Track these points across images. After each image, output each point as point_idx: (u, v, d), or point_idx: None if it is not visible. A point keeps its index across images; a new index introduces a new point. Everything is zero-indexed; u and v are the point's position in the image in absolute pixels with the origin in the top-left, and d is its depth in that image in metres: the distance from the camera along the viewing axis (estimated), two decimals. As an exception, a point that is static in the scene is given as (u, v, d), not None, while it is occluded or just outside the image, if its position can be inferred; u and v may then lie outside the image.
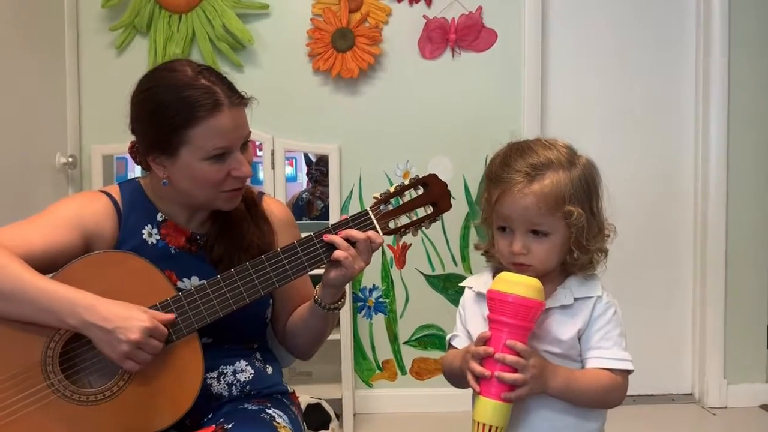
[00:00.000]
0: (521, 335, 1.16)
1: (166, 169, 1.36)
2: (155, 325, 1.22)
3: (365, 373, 3.16)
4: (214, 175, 1.33)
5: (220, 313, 1.29)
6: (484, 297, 1.26)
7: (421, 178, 1.41)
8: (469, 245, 3.12)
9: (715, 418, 3.05)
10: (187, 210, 1.43)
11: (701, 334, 3.18)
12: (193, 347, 1.29)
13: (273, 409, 1.37)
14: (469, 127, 3.06)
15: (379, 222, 1.37)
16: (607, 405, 1.26)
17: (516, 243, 1.22)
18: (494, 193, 1.23)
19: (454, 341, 1.34)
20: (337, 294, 1.40)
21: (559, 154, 1.24)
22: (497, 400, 1.14)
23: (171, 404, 1.27)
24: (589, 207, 1.24)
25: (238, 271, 1.31)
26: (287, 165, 3.17)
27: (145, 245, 1.40)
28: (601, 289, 1.26)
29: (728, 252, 3.13)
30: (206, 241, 1.43)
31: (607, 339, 1.23)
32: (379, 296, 3.14)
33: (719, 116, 3.11)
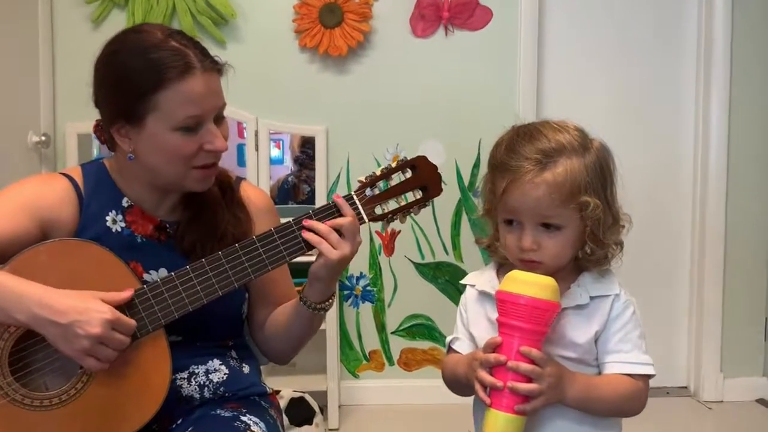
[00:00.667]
0: (535, 340, 1.06)
1: (131, 142, 1.24)
2: (117, 316, 1.11)
3: (351, 363, 3.09)
4: (184, 148, 1.22)
5: (189, 308, 1.18)
6: (489, 297, 1.18)
7: (410, 160, 1.30)
8: (461, 233, 3.04)
9: (710, 413, 3.00)
10: (155, 193, 1.31)
11: (697, 326, 3.12)
12: (160, 345, 1.18)
13: (249, 415, 1.25)
14: (462, 110, 2.97)
15: (364, 207, 1.27)
16: (627, 414, 1.16)
17: (525, 238, 1.11)
18: (500, 183, 1.12)
19: (456, 345, 1.23)
20: (325, 291, 1.28)
21: (571, 137, 1.12)
22: (510, 413, 1.04)
23: (135, 408, 1.17)
24: (604, 196, 1.13)
25: (210, 261, 1.20)
26: (274, 147, 3.08)
27: (108, 233, 1.28)
28: (618, 286, 1.16)
29: (727, 243, 3.07)
30: (176, 230, 1.32)
31: (626, 341, 1.13)
32: (367, 284, 3.06)
33: (720, 103, 3.03)
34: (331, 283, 1.28)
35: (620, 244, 1.16)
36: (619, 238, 1.16)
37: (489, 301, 1.18)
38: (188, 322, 1.23)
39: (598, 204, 1.10)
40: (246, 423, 1.22)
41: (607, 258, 1.16)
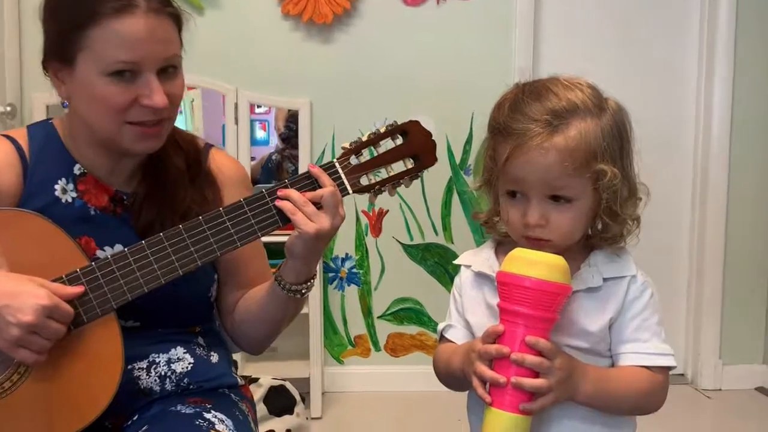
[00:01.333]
0: (543, 329, 0.93)
1: (66, 87, 1.12)
2: (55, 302, 0.98)
3: (336, 349, 3.00)
4: (116, 98, 1.08)
5: (144, 288, 1.05)
6: (487, 279, 1.05)
7: (400, 125, 1.17)
8: (452, 213, 2.94)
9: (709, 401, 2.93)
10: (107, 157, 1.17)
11: (696, 312, 3.05)
12: (111, 332, 1.04)
13: (214, 411, 1.12)
14: (454, 83, 2.86)
15: (347, 177, 1.13)
16: (644, 411, 1.03)
17: (532, 212, 0.98)
18: (503, 149, 0.98)
19: (449, 333, 1.10)
20: (302, 271, 1.14)
21: (585, 96, 0.98)
22: (514, 413, 0.92)
23: (82, 404, 1.03)
24: (621, 164, 1.00)
25: (169, 235, 1.06)
26: (259, 129, 2.99)
27: (57, 204, 1.14)
28: (635, 266, 1.04)
29: (728, 228, 3.00)
30: (133, 202, 1.18)
31: (644, 329, 1.01)
32: (353, 266, 2.96)
33: (723, 76, 2.94)
34: (309, 262, 1.14)
35: (637, 219, 1.03)
36: (636, 213, 1.03)
37: (487, 284, 1.06)
38: (148, 305, 1.10)
39: (616, 173, 0.97)
40: (209, 421, 1.08)
41: (623, 235, 1.03)
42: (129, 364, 1.12)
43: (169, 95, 1.10)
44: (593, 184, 0.97)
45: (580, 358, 0.98)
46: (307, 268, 1.15)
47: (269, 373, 2.42)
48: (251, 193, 1.26)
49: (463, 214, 2.92)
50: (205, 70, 2.76)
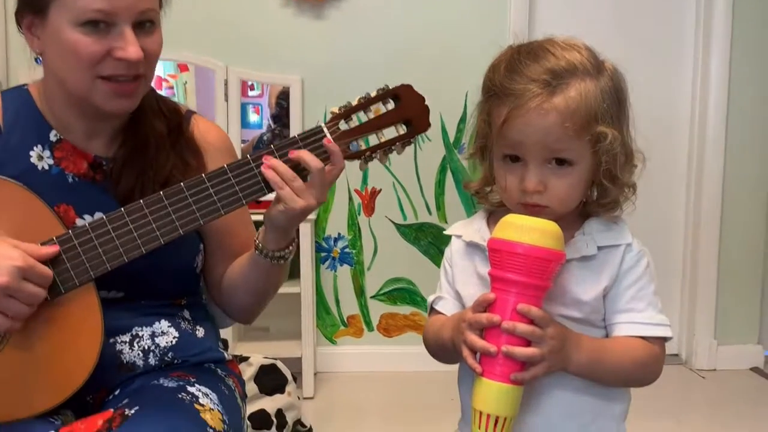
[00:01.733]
0: (535, 297, 0.90)
1: (39, 41, 1.09)
2: (30, 263, 0.94)
3: (328, 329, 2.98)
4: (87, 49, 1.04)
5: (124, 258, 1.01)
6: (479, 249, 1.03)
7: (392, 89, 1.13)
8: (445, 192, 2.91)
9: (703, 382, 2.92)
10: (84, 120, 1.13)
11: (691, 291, 3.04)
12: (89, 302, 1.01)
13: (198, 385, 1.09)
14: (448, 61, 2.82)
15: (336, 142, 1.10)
16: (641, 383, 1.01)
17: (530, 177, 0.95)
18: (500, 112, 0.95)
19: (439, 305, 1.07)
20: (282, 239, 1.12)
21: (583, 57, 0.95)
22: (505, 383, 0.90)
23: (60, 377, 1.00)
24: (620, 127, 0.97)
25: (149, 202, 1.03)
26: (252, 112, 2.96)
27: (33, 171, 1.10)
28: (631, 235, 1.01)
29: (723, 207, 2.98)
30: (112, 169, 1.14)
31: (639, 299, 0.98)
32: (345, 246, 2.93)
33: (720, 57, 2.91)
34: (290, 232, 1.13)
35: (633, 186, 1.00)
36: (632, 179, 1.00)
37: (479, 254, 1.03)
38: (131, 275, 1.07)
39: (617, 135, 0.94)
40: (193, 395, 1.05)
41: (619, 202, 1.00)
42: (111, 337, 1.09)
43: (145, 51, 1.06)
44: (592, 147, 0.95)
45: (573, 329, 0.96)
46: (287, 237, 1.13)
47: (261, 352, 2.39)
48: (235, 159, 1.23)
49: (457, 194, 2.90)
50: (195, 47, 2.72)
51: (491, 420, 0.90)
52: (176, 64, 2.90)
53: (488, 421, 0.90)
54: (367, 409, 2.65)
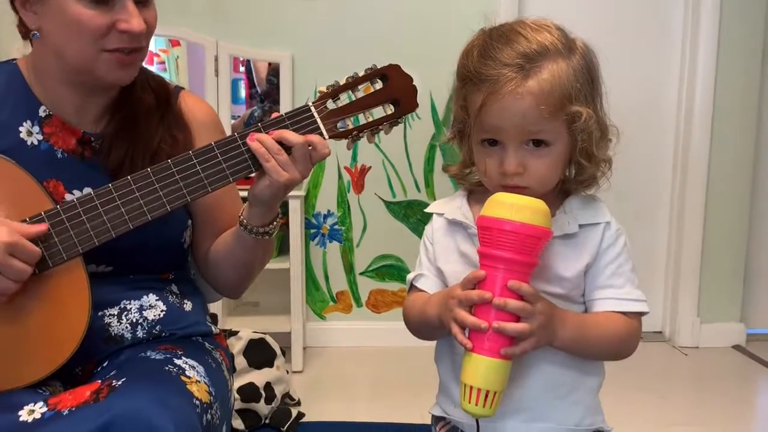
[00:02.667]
0: (523, 274, 0.91)
1: (36, 17, 1.08)
2: (17, 240, 0.95)
3: (318, 304, 3.00)
4: (92, 22, 1.04)
5: (111, 233, 1.02)
6: (460, 226, 1.04)
7: (380, 69, 1.13)
8: (435, 169, 2.91)
9: (686, 358, 2.95)
10: (75, 95, 1.13)
11: (675, 270, 3.06)
12: (77, 276, 1.02)
13: (185, 358, 1.10)
14: (437, 38, 2.79)
15: (324, 122, 1.10)
16: (619, 356, 1.03)
17: (509, 160, 0.96)
18: (476, 98, 0.96)
19: (420, 282, 1.08)
20: (266, 215, 1.13)
21: (554, 38, 0.96)
22: (496, 358, 0.91)
23: (48, 349, 1.01)
24: (594, 105, 0.98)
25: (136, 179, 1.03)
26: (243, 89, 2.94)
27: (22, 146, 1.11)
28: (609, 213, 1.03)
29: (708, 187, 2.98)
30: (102, 144, 1.14)
31: (618, 275, 1.01)
32: (335, 223, 2.94)
33: (708, 41, 2.90)
34: (273, 207, 1.13)
35: (609, 161, 1.02)
36: (608, 154, 1.02)
37: (461, 232, 1.05)
38: (119, 250, 1.08)
39: (591, 114, 0.96)
40: (180, 367, 1.06)
41: (596, 178, 1.02)
42: (100, 310, 1.11)
43: (145, 23, 1.07)
44: (568, 126, 0.96)
45: (557, 305, 0.98)
46: (271, 212, 1.14)
47: (251, 327, 2.40)
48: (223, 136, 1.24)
49: (443, 164, 2.89)
50: (185, 22, 2.69)
51: (481, 394, 0.91)
52: (168, 39, 2.88)
53: (479, 395, 0.92)
54: (355, 382, 2.68)
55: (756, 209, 3.06)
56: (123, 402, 0.94)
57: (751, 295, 3.10)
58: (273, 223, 1.15)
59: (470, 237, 1.03)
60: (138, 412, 0.92)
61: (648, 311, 1.02)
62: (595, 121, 0.97)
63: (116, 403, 0.94)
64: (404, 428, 2.18)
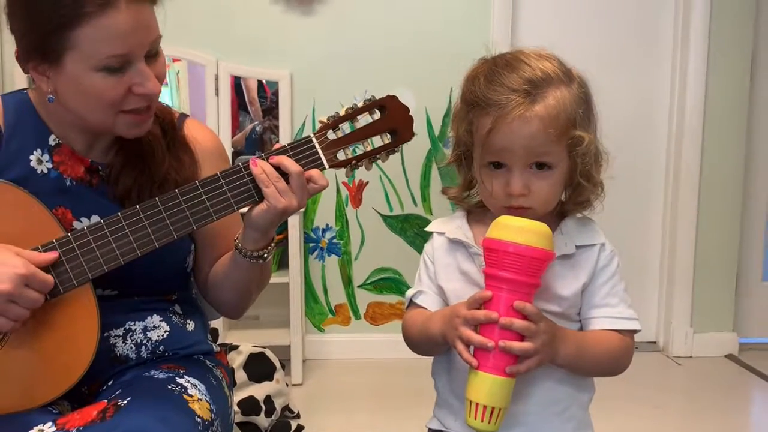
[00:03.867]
0: (527, 294, 0.95)
1: (50, 81, 1.09)
2: (32, 271, 0.98)
3: (317, 317, 3.02)
4: (110, 92, 1.07)
5: (120, 260, 1.05)
6: (460, 245, 1.08)
7: (378, 100, 1.17)
8: (431, 184, 2.95)
9: (679, 368, 2.97)
10: (85, 135, 1.17)
11: (668, 281, 3.08)
12: (87, 302, 1.05)
13: (187, 376, 1.13)
14: (433, 56, 2.84)
15: (324, 152, 1.13)
16: (614, 372, 1.07)
17: (515, 182, 1.00)
18: (484, 122, 0.99)
19: (420, 299, 1.11)
20: (260, 240, 1.15)
21: (553, 66, 1.01)
22: (501, 376, 0.94)
23: (59, 371, 1.05)
24: (592, 130, 1.03)
25: (145, 208, 1.07)
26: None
27: (33, 175, 1.14)
28: (603, 235, 1.07)
29: (700, 199, 3.01)
30: (110, 173, 1.18)
31: (613, 295, 1.05)
32: (333, 237, 2.97)
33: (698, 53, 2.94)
34: (268, 233, 1.16)
35: (602, 184, 1.07)
36: (600, 178, 1.06)
37: (461, 250, 1.08)
38: (125, 274, 1.11)
39: (592, 138, 1.01)
40: (182, 386, 1.10)
41: (591, 200, 1.06)
42: (105, 331, 1.13)
43: (157, 77, 1.10)
44: (569, 150, 1.00)
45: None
46: (266, 237, 1.16)
47: (251, 340, 2.43)
48: (227, 163, 1.26)
49: (442, 186, 2.91)
50: (185, 42, 2.74)
51: (487, 411, 0.94)
52: (170, 56, 2.93)
53: (484, 411, 0.94)
54: (354, 395, 2.68)
55: (747, 220, 3.09)
56: (128, 421, 0.97)
57: (744, 305, 3.12)
58: (267, 247, 1.17)
59: (471, 256, 1.07)
60: (143, 430, 0.96)
61: (640, 329, 1.06)
62: (594, 145, 1.02)
63: (122, 421, 0.97)
64: (403, 440, 2.21)
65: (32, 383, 1.04)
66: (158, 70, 1.11)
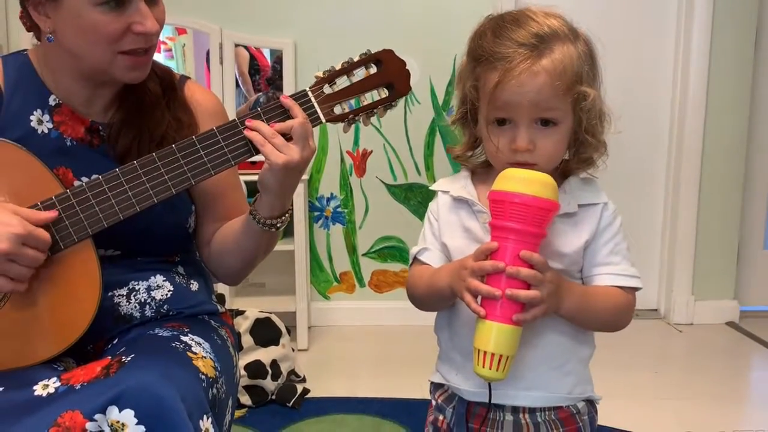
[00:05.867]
0: (533, 244, 0.95)
1: (50, 20, 1.10)
2: (29, 230, 0.99)
3: (322, 285, 3.06)
4: (109, 27, 1.07)
5: (119, 216, 1.06)
6: (464, 203, 1.08)
7: (374, 54, 1.16)
8: (434, 153, 2.96)
9: (680, 335, 3.00)
10: (85, 87, 1.17)
11: (670, 249, 3.10)
12: (88, 258, 1.06)
13: (191, 335, 1.14)
14: (437, 23, 2.84)
15: (321, 106, 1.13)
16: (616, 327, 1.07)
17: (521, 137, 0.99)
18: (490, 76, 0.99)
19: (424, 256, 1.11)
20: (275, 204, 1.15)
21: (560, 23, 1.01)
22: (508, 324, 0.95)
23: (60, 328, 1.06)
24: (597, 87, 1.03)
25: (143, 163, 1.07)
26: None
27: (33, 135, 1.15)
28: (605, 195, 1.08)
29: (703, 165, 3.02)
30: (110, 132, 1.18)
31: (616, 253, 1.05)
32: (338, 206, 2.99)
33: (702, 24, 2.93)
34: (282, 196, 1.15)
35: (605, 144, 1.06)
36: (603, 138, 1.06)
37: (465, 208, 1.08)
38: (127, 234, 1.12)
39: (597, 94, 1.00)
40: (186, 343, 1.10)
41: (593, 159, 1.06)
42: (109, 291, 1.15)
43: (156, 20, 1.11)
44: (574, 106, 1.00)
45: None
46: (280, 203, 1.15)
47: (257, 307, 2.46)
48: None
49: (446, 155, 2.93)
50: (190, 11, 2.74)
51: (495, 359, 0.95)
52: (174, 27, 2.93)
53: (492, 359, 0.95)
54: (358, 360, 2.74)
55: (749, 189, 3.10)
56: (132, 376, 0.97)
57: (744, 274, 3.14)
58: (282, 217, 1.17)
59: (474, 214, 1.07)
60: (146, 386, 0.96)
61: (642, 287, 1.06)
62: (599, 101, 1.01)
63: (126, 377, 0.97)
64: (405, 403, 2.25)
65: (34, 339, 1.06)
66: (158, 15, 1.12)
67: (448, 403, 1.13)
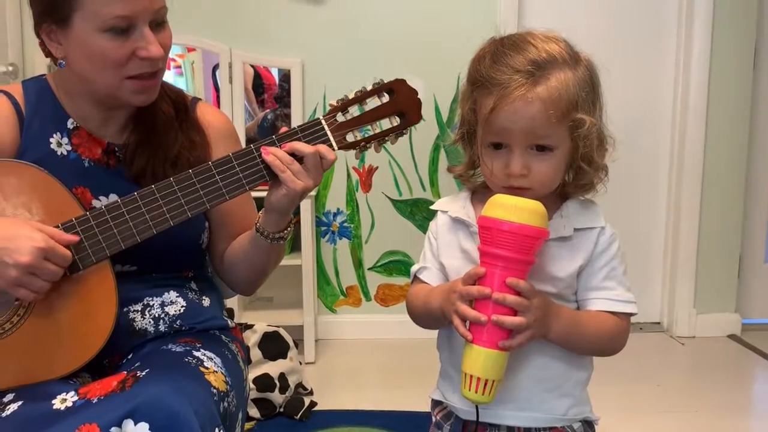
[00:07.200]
0: (521, 271, 0.96)
1: (62, 47, 1.15)
2: (51, 245, 1.04)
3: (329, 299, 3.08)
4: (115, 53, 1.12)
5: (137, 238, 1.11)
6: (462, 224, 1.09)
7: (387, 83, 1.19)
8: (439, 169, 2.99)
9: (683, 348, 3.01)
10: (100, 110, 1.22)
11: (672, 262, 3.11)
12: (105, 277, 1.11)
13: (203, 350, 1.18)
14: (442, 43, 2.88)
15: (333, 134, 1.17)
16: (607, 353, 1.08)
17: (515, 162, 0.99)
18: (486, 102, 0.99)
19: (423, 275, 1.12)
20: (281, 221, 1.20)
21: (560, 48, 1.01)
22: (493, 349, 0.96)
23: (79, 344, 1.10)
24: (595, 114, 1.03)
25: (160, 187, 1.12)
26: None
27: (53, 156, 1.19)
28: (603, 218, 1.07)
29: (704, 180, 3.03)
30: (125, 153, 1.23)
31: (611, 278, 1.05)
32: (344, 221, 3.03)
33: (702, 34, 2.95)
34: (288, 214, 1.21)
35: (605, 168, 1.06)
36: (604, 162, 1.06)
37: (462, 229, 1.09)
38: (142, 251, 1.16)
39: (594, 122, 1.00)
40: (198, 359, 1.14)
41: (593, 183, 1.06)
42: (125, 306, 1.19)
43: (162, 46, 1.15)
44: (571, 133, 1.00)
45: None
46: (285, 219, 1.20)
47: (265, 321, 2.48)
48: (239, 145, 1.30)
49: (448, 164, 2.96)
50: (199, 31, 2.79)
51: (480, 383, 0.96)
52: (184, 46, 2.98)
53: (478, 383, 0.96)
54: (364, 373, 2.75)
55: (750, 202, 3.11)
56: (147, 390, 1.00)
57: (746, 287, 3.15)
58: (287, 228, 1.22)
59: (471, 235, 1.07)
60: (161, 400, 0.99)
61: (636, 312, 1.06)
62: (596, 128, 1.01)
63: (141, 391, 1.00)
64: (411, 416, 2.26)
65: (54, 354, 1.10)
66: (164, 40, 1.17)
67: (446, 420, 1.14)
